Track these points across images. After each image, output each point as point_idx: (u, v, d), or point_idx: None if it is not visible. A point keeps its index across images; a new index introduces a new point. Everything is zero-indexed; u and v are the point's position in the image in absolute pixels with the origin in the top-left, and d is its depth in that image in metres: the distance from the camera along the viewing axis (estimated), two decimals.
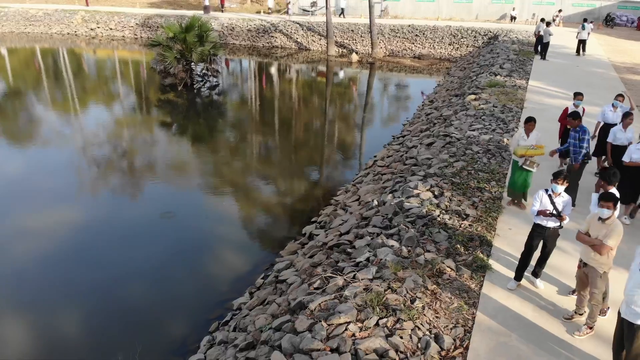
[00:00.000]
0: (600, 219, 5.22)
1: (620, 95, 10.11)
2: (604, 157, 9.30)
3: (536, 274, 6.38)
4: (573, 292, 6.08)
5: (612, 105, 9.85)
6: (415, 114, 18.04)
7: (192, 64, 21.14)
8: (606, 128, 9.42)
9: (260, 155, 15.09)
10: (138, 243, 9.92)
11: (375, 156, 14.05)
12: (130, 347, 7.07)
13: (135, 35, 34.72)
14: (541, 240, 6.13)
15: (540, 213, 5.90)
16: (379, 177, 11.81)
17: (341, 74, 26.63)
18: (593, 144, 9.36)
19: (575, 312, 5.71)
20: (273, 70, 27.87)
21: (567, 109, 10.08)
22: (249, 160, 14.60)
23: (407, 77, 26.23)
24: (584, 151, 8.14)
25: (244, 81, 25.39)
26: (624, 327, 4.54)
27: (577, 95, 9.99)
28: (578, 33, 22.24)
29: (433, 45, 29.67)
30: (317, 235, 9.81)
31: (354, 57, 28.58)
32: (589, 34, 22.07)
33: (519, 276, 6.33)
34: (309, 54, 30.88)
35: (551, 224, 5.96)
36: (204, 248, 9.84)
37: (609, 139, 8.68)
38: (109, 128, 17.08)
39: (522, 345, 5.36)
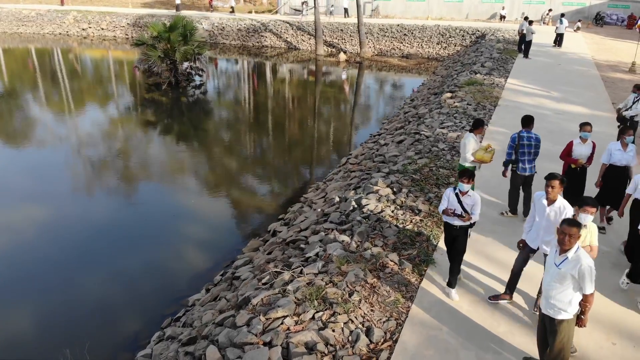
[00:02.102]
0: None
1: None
2: (608, 207, 7.71)
3: (450, 283, 6.07)
4: (493, 298, 6.03)
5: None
6: (395, 112, 18.08)
7: (177, 62, 21.18)
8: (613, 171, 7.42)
9: (237, 153, 15.13)
10: (99, 238, 9.99)
11: (350, 154, 14.11)
12: (80, 342, 7.13)
13: (127, 35, 34.82)
14: (452, 237, 5.96)
15: (445, 212, 5.78)
16: (348, 175, 11.86)
17: (327, 73, 26.68)
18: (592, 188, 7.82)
19: None
20: (259, 69, 27.93)
21: (571, 143, 7.55)
22: (225, 158, 14.65)
23: (394, 76, 26.27)
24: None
25: (229, 80, 25.46)
26: (545, 322, 4.57)
27: (585, 126, 7.46)
28: (556, 27, 24.10)
29: (421, 45, 29.70)
30: (280, 232, 9.86)
31: (342, 57, 28.64)
32: (565, 27, 24.02)
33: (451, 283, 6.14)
34: (298, 53, 30.94)
35: (458, 222, 5.79)
36: (167, 244, 9.89)
37: (603, 160, 7.44)
38: (87, 124, 17.15)
39: (452, 339, 5.40)
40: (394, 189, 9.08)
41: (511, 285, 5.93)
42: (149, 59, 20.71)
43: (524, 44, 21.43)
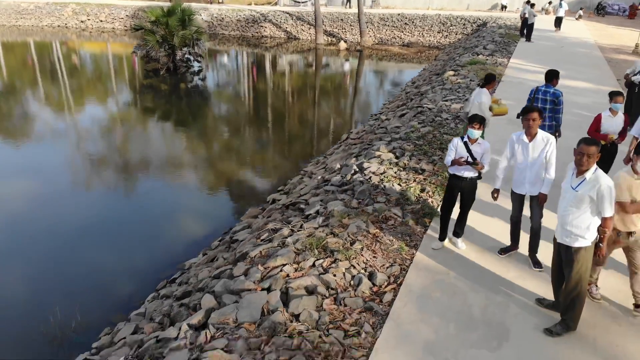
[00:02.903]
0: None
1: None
2: None
3: (457, 233, 5.83)
4: (503, 251, 5.67)
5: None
6: (397, 94, 17.83)
7: (175, 48, 20.93)
8: None
9: (238, 134, 14.89)
10: (101, 208, 9.81)
11: (351, 131, 13.86)
12: (73, 303, 6.90)
13: (126, 26, 34.59)
14: (458, 192, 5.58)
15: (455, 162, 5.33)
16: (349, 147, 11.60)
17: (327, 61, 26.44)
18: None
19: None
20: (259, 57, 27.69)
21: (599, 117, 6.65)
22: (227, 138, 14.41)
23: (395, 63, 26.02)
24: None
25: (229, 67, 25.22)
26: (561, 253, 4.31)
27: (616, 97, 6.51)
28: (557, 11, 24.52)
29: (422, 34, 29.47)
30: (279, 200, 9.61)
31: (342, 45, 28.42)
32: (565, 11, 24.53)
33: (442, 235, 5.80)
34: (298, 43, 30.70)
35: (468, 173, 5.39)
36: (166, 215, 9.70)
37: (634, 132, 6.70)
38: (85, 108, 16.91)
39: (460, 283, 5.14)
40: (397, 154, 8.83)
41: (514, 236, 5.63)
42: (147, 44, 20.46)
43: (526, 28, 21.20)
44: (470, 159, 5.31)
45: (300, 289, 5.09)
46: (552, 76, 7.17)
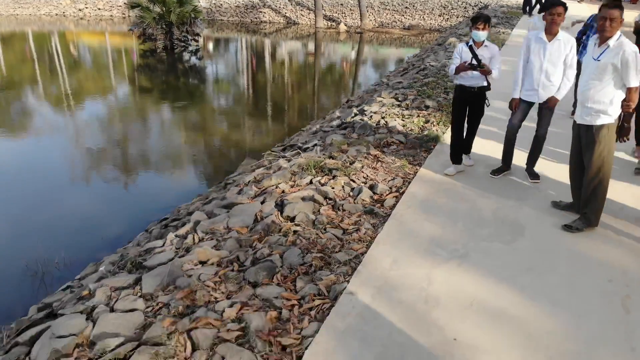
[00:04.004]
0: None
1: None
2: None
3: (464, 149, 5.33)
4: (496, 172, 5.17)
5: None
6: (399, 66, 17.48)
7: (172, 25, 20.59)
8: None
9: (239, 103, 14.58)
10: (104, 157, 9.55)
11: (351, 96, 13.53)
12: (58, 244, 6.56)
13: (124, 14, 34.25)
14: (466, 106, 5.08)
15: (459, 68, 4.82)
16: (349, 106, 11.24)
17: (327, 42, 26.10)
18: None
19: None
20: (256, 38, 27.37)
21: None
22: (228, 107, 14.12)
23: (395, 43, 25.67)
24: None
25: (227, 48, 24.88)
26: (580, 137, 3.92)
27: None
28: None
29: (423, 17, 29.11)
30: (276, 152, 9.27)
31: (342, 28, 28.10)
32: None
33: (455, 158, 5.22)
34: (297, 28, 30.36)
35: (474, 82, 4.89)
36: (163, 165, 9.48)
37: None
38: (82, 89, 16.60)
39: (468, 191, 4.77)
40: (399, 98, 8.46)
41: (507, 154, 5.07)
42: (144, 21, 20.11)
43: (528, 5, 20.82)
44: (474, 62, 4.81)
45: (297, 199, 4.73)
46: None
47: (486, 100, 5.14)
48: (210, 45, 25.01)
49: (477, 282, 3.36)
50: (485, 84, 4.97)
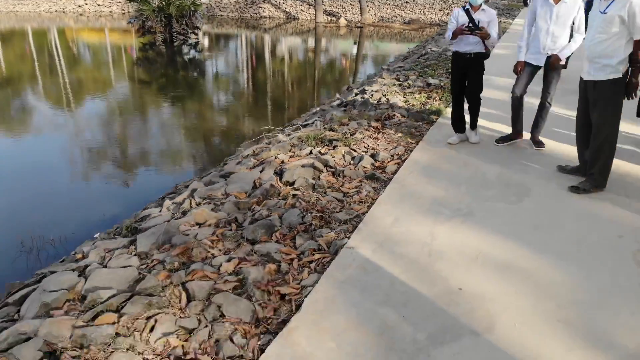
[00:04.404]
0: None
1: None
2: None
3: (470, 124, 5.14)
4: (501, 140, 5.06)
5: None
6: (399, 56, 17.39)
7: (171, 18, 20.49)
8: None
9: (239, 98, 14.51)
10: (108, 137, 9.45)
11: (351, 84, 13.43)
12: (57, 222, 6.45)
13: (123, 10, 34.19)
14: (463, 74, 4.90)
15: (456, 33, 4.64)
16: (349, 90, 11.15)
17: (327, 36, 26.02)
18: None
19: None
20: (256, 34, 27.28)
21: None
22: (228, 102, 14.02)
23: (395, 38, 25.56)
24: None
25: (226, 42, 24.79)
26: (588, 95, 3.80)
27: None
28: None
29: (423, 12, 29.04)
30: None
31: (342, 22, 28.02)
32: None
33: (457, 126, 5.10)
34: (297, 23, 30.27)
35: (471, 48, 4.71)
36: (164, 149, 9.41)
37: None
38: (80, 71, 16.51)
39: (472, 158, 4.67)
40: (400, 79, 8.36)
41: (516, 120, 4.94)
42: (143, 13, 20.02)
43: None
44: (471, 25, 4.62)
45: (296, 167, 4.63)
46: None
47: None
48: (206, 41, 24.93)
49: (482, 237, 3.25)
50: (482, 50, 4.79)
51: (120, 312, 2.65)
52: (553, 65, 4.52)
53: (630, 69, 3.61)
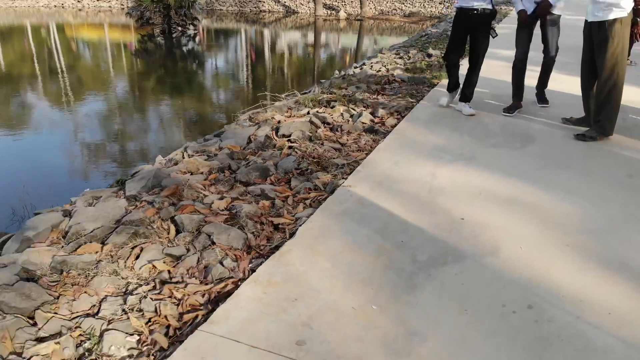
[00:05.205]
0: None
1: None
2: None
3: (464, 95, 4.57)
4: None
5: None
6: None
7: (170, 10, 20.38)
8: None
9: (237, 88, 14.43)
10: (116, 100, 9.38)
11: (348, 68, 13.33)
12: (47, 187, 6.33)
13: (122, 5, 34.08)
14: (466, 35, 4.43)
15: None
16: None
17: (326, 30, 25.90)
18: None
19: None
20: (255, 28, 27.17)
21: None
22: (229, 81, 13.94)
23: (395, 31, 25.44)
24: None
25: (226, 34, 24.68)
26: (592, 37, 3.65)
27: None
28: None
29: (423, 5, 28.90)
30: None
31: (342, 15, 27.90)
32: None
33: (451, 85, 4.69)
34: (297, 17, 30.15)
35: (477, 3, 4.24)
36: (166, 116, 9.37)
37: None
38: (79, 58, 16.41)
39: (476, 116, 4.50)
40: (401, 54, 8.23)
41: (518, 86, 4.60)
42: (142, 4, 19.91)
43: None
44: None
45: (293, 122, 4.49)
46: None
47: (492, 31, 4.76)
48: (201, 29, 24.82)
49: (485, 177, 3.11)
50: (489, 6, 4.40)
51: (105, 243, 2.52)
52: (544, 11, 4.30)
53: (635, 8, 3.48)
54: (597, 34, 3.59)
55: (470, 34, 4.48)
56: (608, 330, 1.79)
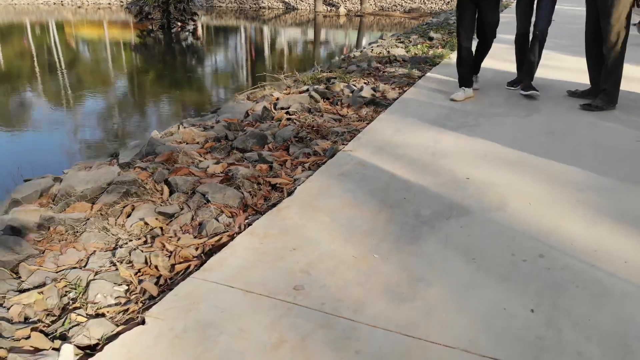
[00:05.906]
0: None
1: None
2: None
3: (475, 67, 4.32)
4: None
5: None
6: None
7: (169, 4, 20.29)
8: None
9: (236, 80, 14.35)
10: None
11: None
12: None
13: (121, 2, 33.99)
14: (475, 11, 4.06)
15: None
16: None
17: (325, 21, 25.83)
18: None
19: None
20: (252, 22, 27.10)
21: None
22: (229, 72, 13.85)
23: (395, 27, 25.36)
24: None
25: (225, 29, 24.60)
26: (597, 3, 3.54)
27: None
28: None
29: (424, 1, 28.79)
30: None
31: (342, 11, 27.79)
32: None
33: (463, 80, 4.10)
34: (297, 13, 30.05)
35: None
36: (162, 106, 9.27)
37: None
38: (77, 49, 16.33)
39: (480, 91, 4.40)
40: (402, 39, 8.12)
41: (521, 64, 4.32)
42: None
43: None
44: None
45: (292, 96, 4.40)
46: None
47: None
48: (200, 25, 24.75)
49: (491, 141, 3.01)
50: None
51: (95, 203, 2.42)
52: None
53: None
54: (601, 3, 3.48)
55: (477, 11, 4.13)
56: (625, 278, 1.69)
